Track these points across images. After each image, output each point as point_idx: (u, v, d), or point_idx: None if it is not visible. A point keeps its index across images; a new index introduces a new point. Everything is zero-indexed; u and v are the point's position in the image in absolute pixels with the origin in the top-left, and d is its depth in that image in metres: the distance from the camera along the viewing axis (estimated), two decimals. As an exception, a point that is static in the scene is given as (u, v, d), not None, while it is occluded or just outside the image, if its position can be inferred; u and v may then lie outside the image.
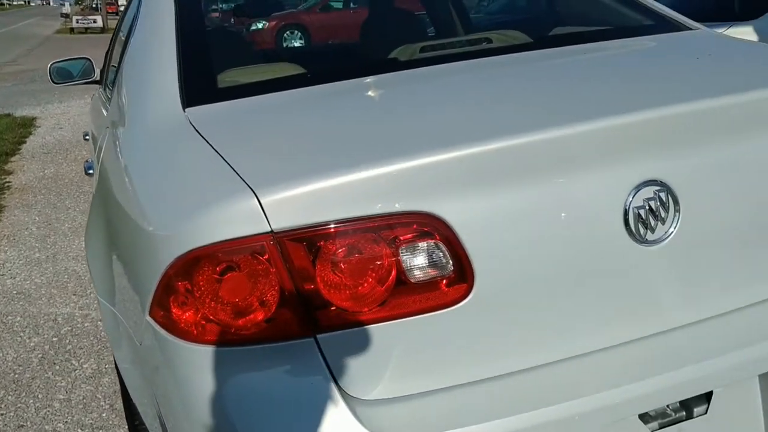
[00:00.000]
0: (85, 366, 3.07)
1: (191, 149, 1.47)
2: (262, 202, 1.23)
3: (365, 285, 1.28)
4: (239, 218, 1.23)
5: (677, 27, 2.15)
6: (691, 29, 2.14)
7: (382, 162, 1.27)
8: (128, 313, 1.52)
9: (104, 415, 2.68)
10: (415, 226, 1.29)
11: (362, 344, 1.30)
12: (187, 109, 1.68)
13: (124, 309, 1.57)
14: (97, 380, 2.93)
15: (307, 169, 1.28)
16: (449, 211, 1.29)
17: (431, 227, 1.29)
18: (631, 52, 1.86)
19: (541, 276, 1.35)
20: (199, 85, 1.80)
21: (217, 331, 1.28)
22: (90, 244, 1.91)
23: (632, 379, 1.40)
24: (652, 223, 1.40)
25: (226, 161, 1.36)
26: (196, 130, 1.54)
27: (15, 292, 3.93)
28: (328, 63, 2.07)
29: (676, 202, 1.41)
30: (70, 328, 3.45)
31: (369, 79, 1.74)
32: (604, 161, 1.37)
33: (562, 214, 1.35)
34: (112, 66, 3.00)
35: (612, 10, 2.38)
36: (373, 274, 1.29)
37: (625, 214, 1.38)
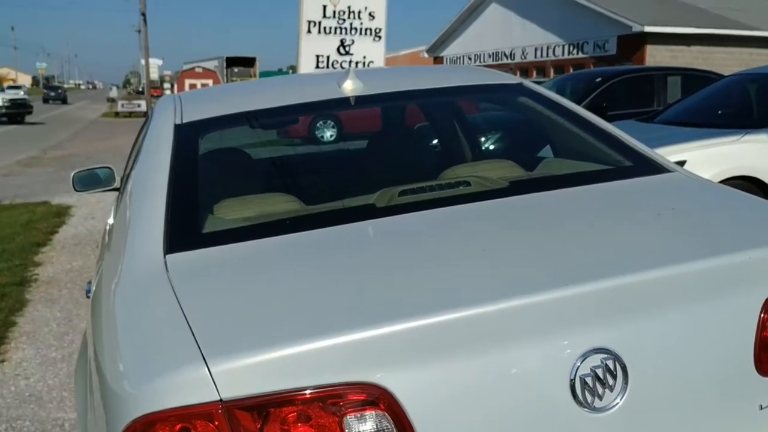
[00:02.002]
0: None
1: (160, 304, 1.55)
2: (212, 371, 1.29)
3: None
4: (191, 386, 1.30)
5: (653, 169, 2.20)
6: (667, 171, 2.20)
7: (331, 334, 1.33)
8: None
9: None
10: (361, 396, 1.34)
11: None
12: (167, 256, 1.77)
13: None
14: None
15: (260, 339, 1.34)
16: (395, 382, 1.34)
17: (377, 398, 1.34)
18: (597, 204, 1.92)
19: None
20: (184, 229, 1.89)
21: None
22: (76, 377, 1.98)
23: None
24: (600, 390, 1.43)
25: (188, 323, 1.43)
26: (170, 283, 1.62)
27: (27, 394, 4.01)
28: (312, 200, 2.16)
29: (624, 370, 1.44)
30: (74, 435, 3.50)
31: (343, 229, 1.82)
32: (550, 331, 1.41)
33: (509, 383, 1.39)
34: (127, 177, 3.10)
35: (592, 146, 2.45)
36: None
37: (572, 382, 1.41)
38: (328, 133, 17.78)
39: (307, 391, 1.32)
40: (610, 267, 1.49)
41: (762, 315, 1.55)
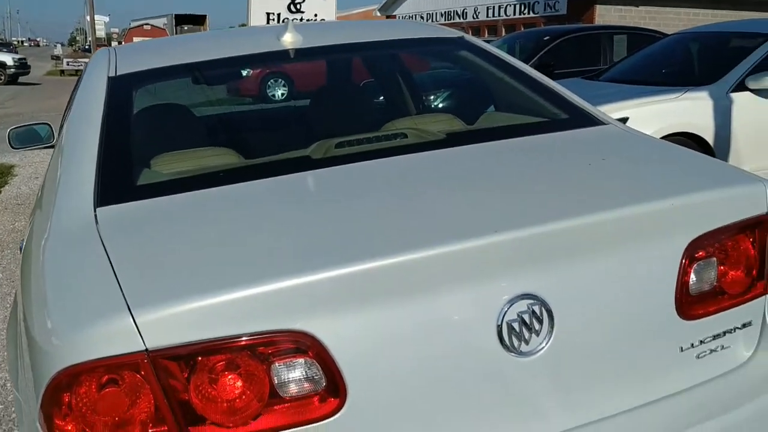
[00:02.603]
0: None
1: (88, 257, 1.52)
2: (137, 321, 1.28)
3: (239, 400, 1.33)
4: (116, 337, 1.29)
5: (588, 122, 2.23)
6: (601, 124, 2.23)
7: (258, 282, 1.33)
8: (29, 407, 1.56)
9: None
10: (289, 344, 1.35)
11: None
12: (98, 209, 1.74)
13: (27, 401, 1.61)
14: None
15: (186, 289, 1.34)
16: (322, 329, 1.35)
17: (305, 344, 1.35)
18: (529, 155, 1.94)
19: (417, 389, 1.41)
20: (114, 183, 1.86)
21: None
22: (8, 336, 1.95)
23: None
24: (526, 335, 1.46)
25: (115, 275, 1.41)
26: (99, 235, 1.59)
27: (-33, 357, 3.93)
28: (251, 154, 2.14)
29: (550, 315, 1.47)
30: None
31: (275, 181, 1.81)
32: (477, 277, 1.43)
33: (436, 329, 1.41)
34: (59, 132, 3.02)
35: (530, 100, 2.47)
36: (248, 390, 1.34)
37: (499, 327, 1.44)
38: (280, 92, 17.59)
39: (235, 340, 1.32)
40: (537, 215, 1.51)
41: (683, 260, 1.60)
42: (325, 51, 2.72)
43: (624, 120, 5.72)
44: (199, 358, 1.32)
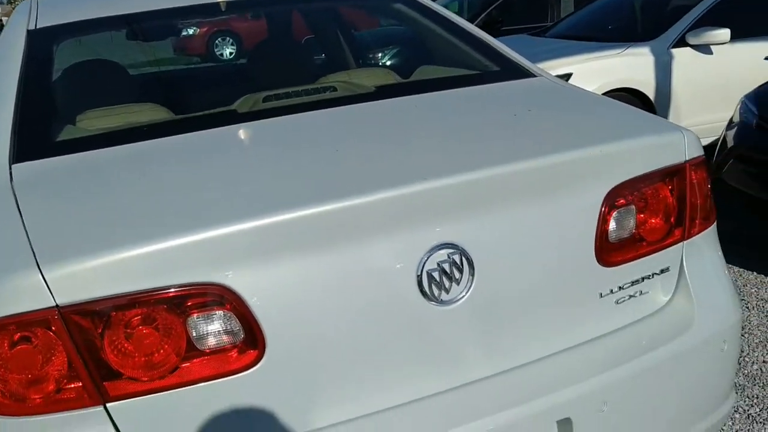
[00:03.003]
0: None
1: (0, 214, 1.48)
2: (46, 277, 1.26)
3: (156, 354, 1.32)
4: (25, 293, 1.26)
5: (519, 74, 2.23)
6: (532, 76, 2.23)
7: (172, 235, 1.31)
8: None
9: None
10: (205, 297, 1.34)
11: (155, 411, 1.33)
12: (13, 165, 1.69)
13: None
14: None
15: (98, 243, 1.31)
16: (239, 281, 1.34)
17: (221, 297, 1.34)
18: (456, 107, 1.94)
19: (336, 340, 1.41)
20: (32, 139, 1.81)
21: (8, 403, 1.30)
22: None
23: (438, 429, 1.47)
24: (447, 284, 1.47)
25: (26, 231, 1.38)
26: (13, 192, 1.55)
27: None
28: (181, 110, 2.09)
29: (470, 264, 1.49)
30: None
31: (197, 136, 1.77)
32: (396, 227, 1.43)
33: (355, 280, 1.41)
34: None
35: (463, 53, 2.46)
36: (164, 344, 1.33)
37: (419, 277, 1.45)
38: (228, 51, 17.26)
39: (150, 294, 1.30)
40: (457, 165, 1.51)
41: (603, 208, 1.62)
42: (261, 3, 2.67)
43: (568, 76, 5.76)
44: (113, 313, 1.30)
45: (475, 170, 1.49)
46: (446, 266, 1.47)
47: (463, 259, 1.48)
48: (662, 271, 1.75)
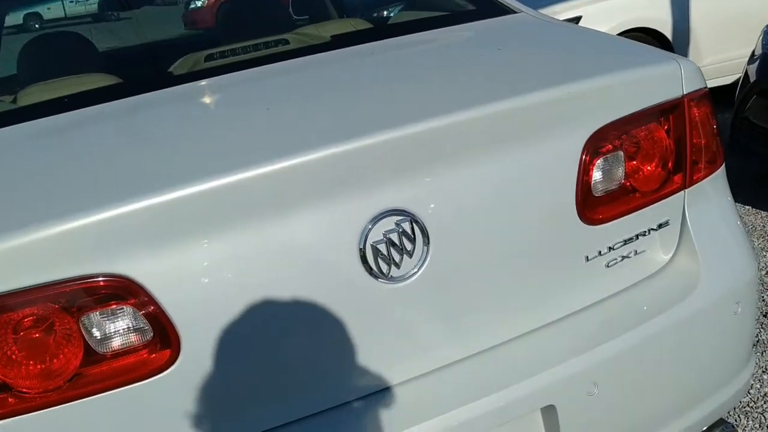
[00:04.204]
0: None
1: None
2: None
3: (49, 362, 1.12)
4: None
5: (495, 11, 1.97)
6: (512, 13, 1.97)
7: (58, 220, 1.10)
8: None
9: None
10: (103, 291, 1.13)
11: (54, 429, 1.14)
12: None
13: None
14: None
15: None
16: (142, 270, 1.13)
17: (123, 290, 1.13)
18: (416, 52, 1.69)
19: (267, 330, 1.20)
20: None
21: None
22: None
23: (399, 426, 1.26)
24: (396, 257, 1.25)
25: None
26: None
27: None
28: (129, 75, 1.88)
29: (424, 232, 1.26)
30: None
31: (116, 105, 1.56)
32: (328, 194, 1.21)
33: (286, 260, 1.20)
34: None
35: None
36: (58, 348, 1.13)
37: (362, 250, 1.23)
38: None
39: (36, 290, 1.10)
40: (402, 115, 1.27)
41: (584, 157, 1.38)
42: None
43: (577, 19, 5.43)
44: None
45: (422, 121, 1.25)
46: (394, 237, 1.24)
47: (415, 227, 1.25)
48: (660, 226, 1.50)
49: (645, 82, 1.46)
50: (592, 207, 1.41)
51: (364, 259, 1.23)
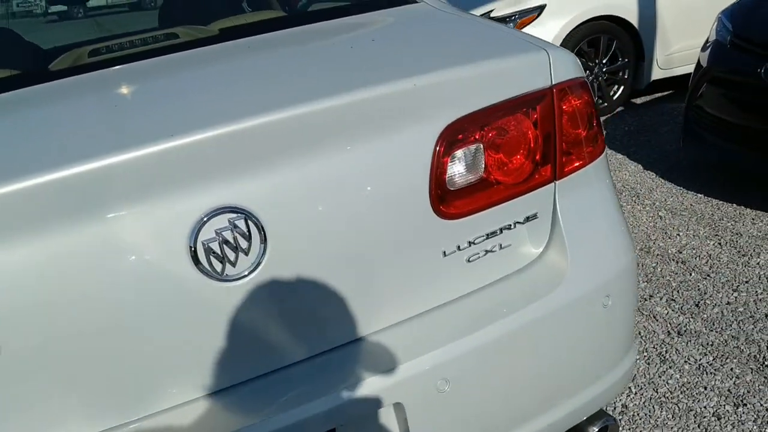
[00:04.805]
0: None
1: None
2: None
3: None
4: None
5: (395, 1, 1.94)
6: (409, 3, 1.94)
7: None
8: None
9: None
10: None
11: None
12: None
13: None
14: None
15: None
16: None
17: None
18: (292, 44, 1.66)
19: (86, 331, 1.17)
20: None
21: None
22: None
23: (243, 423, 1.25)
24: (231, 255, 1.23)
25: None
26: None
27: None
28: (10, 66, 1.85)
29: (260, 230, 1.24)
30: None
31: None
32: (156, 192, 1.18)
33: (110, 263, 1.17)
34: None
35: None
36: None
37: (192, 249, 1.20)
38: None
39: None
40: (242, 110, 1.24)
41: (437, 149, 1.35)
42: None
43: (542, 8, 5.38)
44: None
45: (259, 115, 1.23)
46: (227, 234, 1.22)
47: (250, 224, 1.23)
48: (528, 219, 1.48)
49: (508, 73, 1.43)
50: (449, 201, 1.38)
51: (195, 258, 1.21)
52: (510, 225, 1.46)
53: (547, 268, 1.48)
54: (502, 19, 5.37)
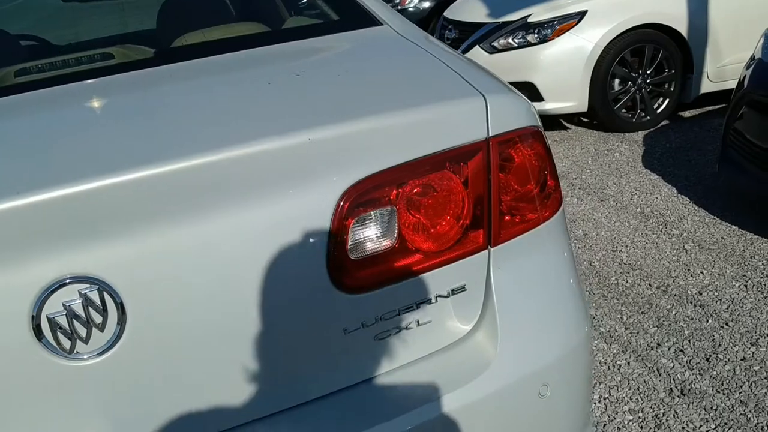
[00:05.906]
0: None
1: None
2: None
3: None
4: None
5: (359, 23, 1.75)
6: (378, 24, 1.74)
7: None
8: None
9: None
10: None
11: None
12: None
13: None
14: None
15: None
16: None
17: None
18: (212, 76, 1.48)
19: None
20: None
21: None
22: None
23: None
24: (82, 331, 1.07)
25: None
26: None
27: None
28: None
29: (117, 303, 1.08)
30: None
31: None
32: (-6, 259, 1.03)
33: None
34: None
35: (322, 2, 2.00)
36: None
37: (35, 323, 1.05)
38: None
39: None
40: (100, 165, 1.08)
41: (338, 213, 1.17)
42: None
43: (583, 14, 5.09)
44: None
45: (121, 172, 1.07)
46: (77, 308, 1.06)
47: (106, 296, 1.07)
48: (454, 292, 1.28)
49: (435, 123, 1.23)
50: (352, 272, 1.19)
51: (38, 333, 1.06)
52: (430, 299, 1.26)
53: (474, 350, 1.28)
54: (540, 25, 5.10)
